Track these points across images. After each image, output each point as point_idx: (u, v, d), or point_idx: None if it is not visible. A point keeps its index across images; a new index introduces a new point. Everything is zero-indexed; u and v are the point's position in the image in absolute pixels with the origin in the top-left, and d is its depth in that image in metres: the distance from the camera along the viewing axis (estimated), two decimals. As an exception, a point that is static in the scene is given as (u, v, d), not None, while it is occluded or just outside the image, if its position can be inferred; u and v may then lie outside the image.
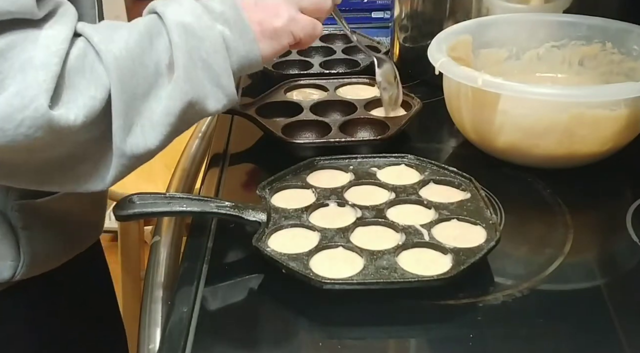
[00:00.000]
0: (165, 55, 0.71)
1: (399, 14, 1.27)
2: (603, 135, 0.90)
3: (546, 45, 1.09)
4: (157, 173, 1.74)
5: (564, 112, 0.88)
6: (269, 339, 0.70)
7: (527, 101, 0.89)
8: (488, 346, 0.67)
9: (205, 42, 0.72)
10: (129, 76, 0.69)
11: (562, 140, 0.89)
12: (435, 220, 0.79)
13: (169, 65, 0.72)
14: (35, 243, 0.85)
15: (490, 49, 1.08)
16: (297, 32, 0.79)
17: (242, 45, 0.75)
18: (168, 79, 0.72)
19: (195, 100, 0.73)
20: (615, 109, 0.88)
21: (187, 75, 0.71)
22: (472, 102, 0.93)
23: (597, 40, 1.06)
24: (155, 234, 0.93)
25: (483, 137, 0.95)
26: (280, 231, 0.78)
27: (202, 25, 0.73)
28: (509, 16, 1.11)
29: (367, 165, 0.90)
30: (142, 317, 0.79)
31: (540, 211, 0.87)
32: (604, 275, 0.78)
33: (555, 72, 1.09)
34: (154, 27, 0.72)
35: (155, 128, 0.71)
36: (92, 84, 0.67)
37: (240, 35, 0.75)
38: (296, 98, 1.09)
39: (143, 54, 0.70)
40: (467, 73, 0.91)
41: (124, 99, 0.68)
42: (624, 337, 0.67)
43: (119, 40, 0.69)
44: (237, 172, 0.99)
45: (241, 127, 1.06)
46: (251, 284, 0.75)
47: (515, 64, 1.09)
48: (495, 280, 0.75)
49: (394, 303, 0.71)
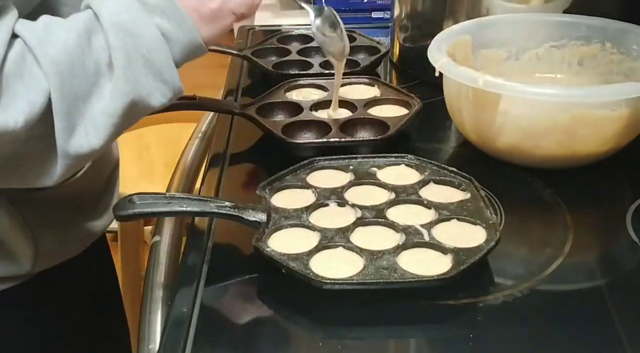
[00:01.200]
0: (105, 54, 0.70)
1: (399, 14, 1.27)
2: (604, 135, 0.90)
3: (545, 46, 1.09)
4: (157, 173, 1.75)
5: (564, 112, 0.88)
6: (269, 339, 0.70)
7: (528, 101, 0.89)
8: (488, 346, 0.67)
9: (143, 38, 0.71)
10: (69, 78, 0.68)
11: (563, 141, 0.89)
12: (435, 220, 0.79)
13: (109, 64, 0.71)
14: (50, 234, 0.86)
15: (490, 49, 1.08)
16: (235, 8, 0.78)
17: (182, 35, 0.74)
18: (109, 78, 0.71)
19: (138, 99, 0.72)
20: (616, 109, 0.88)
21: (126, 75, 0.70)
22: (472, 103, 0.93)
23: (597, 40, 1.06)
24: (155, 234, 0.93)
25: (483, 137, 0.95)
26: (280, 231, 0.78)
27: (138, 21, 0.71)
28: (509, 16, 1.11)
29: (367, 165, 0.90)
30: (142, 317, 0.79)
31: (540, 211, 0.88)
32: (604, 275, 0.78)
33: (554, 72, 1.09)
34: (91, 25, 0.71)
35: (99, 129, 0.71)
36: (31, 89, 0.67)
37: (179, 26, 0.73)
38: (296, 98, 1.09)
39: (82, 55, 0.69)
40: (467, 73, 0.91)
41: (64, 101, 0.68)
42: (624, 336, 0.68)
43: (57, 41, 0.68)
44: (237, 172, 0.99)
45: (241, 127, 1.06)
46: (251, 284, 0.75)
47: (514, 64, 1.09)
48: (495, 280, 0.75)
49: (393, 303, 0.71)
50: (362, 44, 1.30)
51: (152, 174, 1.75)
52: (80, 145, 0.70)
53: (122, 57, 0.70)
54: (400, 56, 1.29)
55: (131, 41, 0.71)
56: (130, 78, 0.71)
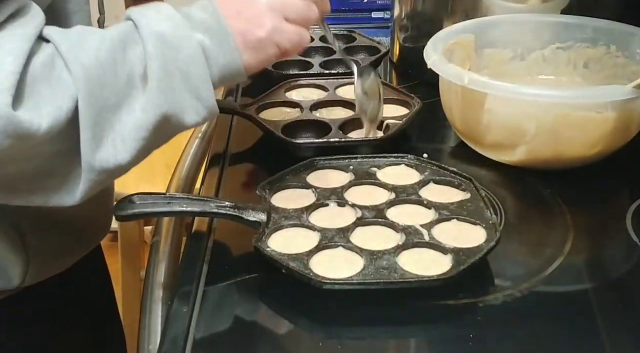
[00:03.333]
0: (140, 65, 0.68)
1: (399, 14, 1.27)
2: (591, 137, 0.89)
3: (551, 47, 1.08)
4: (157, 173, 1.74)
5: (548, 112, 0.87)
6: (269, 339, 0.70)
7: (512, 101, 0.89)
8: (488, 346, 0.67)
9: (182, 51, 0.69)
10: (99, 87, 0.65)
11: (547, 141, 0.89)
12: (435, 220, 0.79)
13: (143, 76, 0.68)
14: (42, 249, 0.83)
15: (494, 49, 1.08)
16: (282, 42, 0.75)
17: (222, 55, 0.71)
18: (142, 90, 0.68)
19: (171, 113, 0.69)
20: (601, 111, 0.88)
21: (161, 86, 0.68)
22: (461, 100, 0.94)
23: (602, 42, 1.05)
24: (155, 234, 0.93)
25: (472, 134, 0.96)
26: (280, 231, 0.78)
27: (179, 34, 0.69)
28: (514, 16, 1.11)
29: (367, 165, 0.90)
30: (142, 317, 0.79)
31: (540, 211, 0.88)
32: (604, 275, 0.78)
33: (560, 73, 1.08)
34: (128, 35, 0.68)
35: (127, 142, 0.67)
36: (58, 94, 0.64)
37: (220, 45, 0.71)
38: (296, 98, 1.09)
39: (115, 64, 0.67)
40: (454, 71, 0.91)
41: (92, 110, 0.65)
42: (624, 336, 0.68)
43: (89, 48, 0.66)
44: (237, 172, 0.99)
45: (241, 127, 1.06)
46: (251, 284, 0.75)
47: (520, 65, 1.09)
48: (495, 280, 0.75)
49: (393, 303, 0.71)
50: (362, 44, 1.30)
51: (152, 174, 1.75)
52: (106, 159, 0.67)
53: (158, 68, 0.67)
54: (400, 56, 1.29)
55: (169, 53, 0.68)
56: (164, 90, 0.68)
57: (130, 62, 0.68)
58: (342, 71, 1.19)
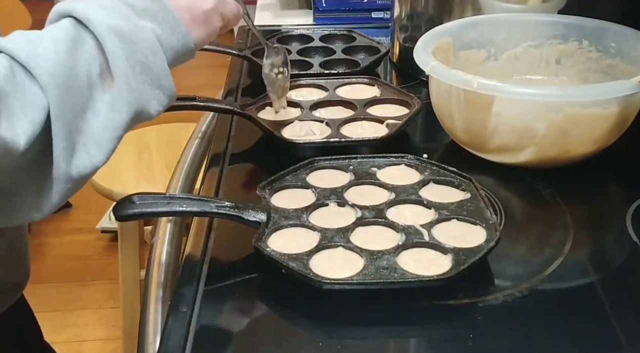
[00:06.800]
0: (95, 63, 0.65)
1: (399, 14, 1.27)
2: (595, 133, 0.90)
3: (523, 45, 1.09)
4: (157, 173, 1.75)
5: (558, 111, 0.88)
6: (269, 339, 0.70)
7: (521, 102, 0.89)
8: (488, 346, 0.67)
9: (140, 44, 0.67)
10: (67, 92, 0.62)
11: (557, 140, 0.89)
12: (435, 220, 0.79)
13: (100, 73, 0.66)
14: None
15: (469, 51, 1.08)
16: (226, 13, 0.76)
17: (175, 40, 0.71)
18: (102, 89, 0.66)
19: (141, 108, 0.68)
20: (607, 107, 0.88)
21: (130, 84, 0.66)
22: (464, 105, 0.93)
23: (574, 38, 1.06)
24: (155, 234, 0.93)
25: (476, 139, 0.95)
26: (280, 231, 0.78)
27: (131, 26, 0.67)
28: (489, 17, 1.12)
29: (367, 165, 0.90)
30: (142, 317, 0.79)
31: (540, 211, 0.88)
32: (604, 275, 0.78)
33: (533, 71, 1.09)
34: (75, 34, 0.65)
35: (101, 145, 0.66)
36: (28, 107, 0.61)
37: (172, 31, 0.70)
38: (296, 98, 1.09)
39: (75, 66, 0.64)
40: (460, 76, 0.91)
41: (64, 118, 0.62)
42: (624, 336, 0.68)
43: (48, 53, 0.62)
44: (237, 172, 0.99)
45: (241, 127, 1.06)
46: (251, 284, 0.75)
47: (493, 65, 1.09)
48: (495, 280, 0.75)
49: (393, 303, 0.71)
50: (362, 44, 1.30)
51: (152, 174, 1.75)
52: (83, 166, 0.65)
53: (123, 66, 0.66)
54: (400, 56, 1.29)
55: (128, 47, 0.66)
56: (133, 87, 0.67)
57: (85, 61, 0.65)
58: (342, 71, 1.19)
